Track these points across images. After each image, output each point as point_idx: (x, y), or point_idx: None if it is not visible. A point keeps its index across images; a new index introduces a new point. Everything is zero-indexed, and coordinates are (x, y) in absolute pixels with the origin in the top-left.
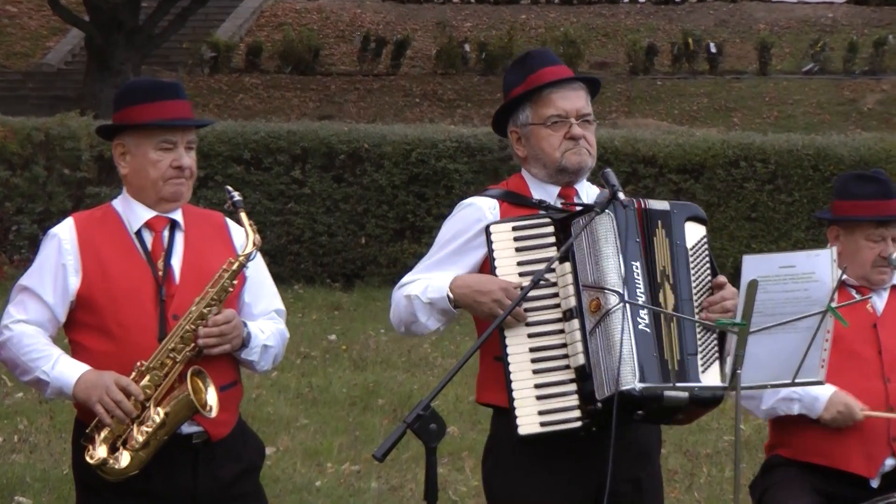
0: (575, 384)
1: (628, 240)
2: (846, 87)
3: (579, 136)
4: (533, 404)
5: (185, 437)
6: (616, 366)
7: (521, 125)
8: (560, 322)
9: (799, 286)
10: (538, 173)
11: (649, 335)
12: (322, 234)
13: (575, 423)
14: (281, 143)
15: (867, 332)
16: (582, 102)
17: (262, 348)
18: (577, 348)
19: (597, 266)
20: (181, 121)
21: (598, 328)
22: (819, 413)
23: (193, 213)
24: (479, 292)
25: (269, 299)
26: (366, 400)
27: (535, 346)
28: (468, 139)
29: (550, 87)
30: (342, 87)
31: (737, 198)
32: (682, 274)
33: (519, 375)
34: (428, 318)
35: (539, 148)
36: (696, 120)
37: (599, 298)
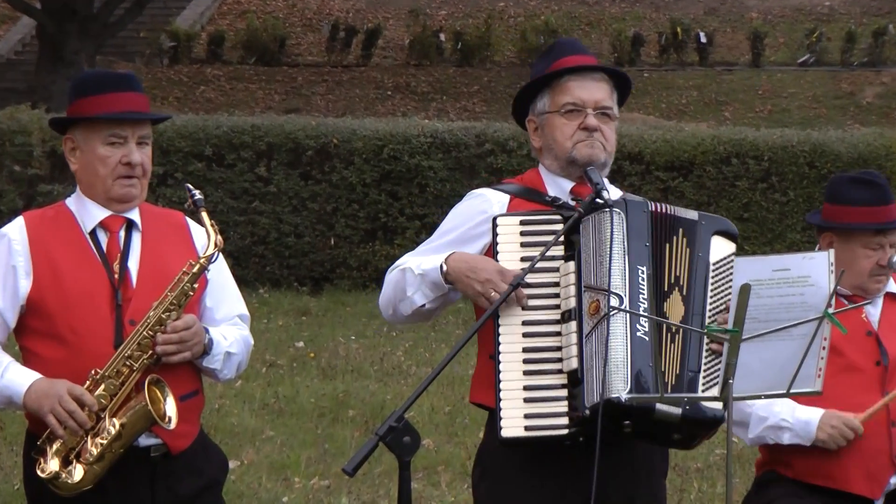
0: (566, 390)
1: (636, 242)
2: (844, 79)
3: (594, 128)
4: (520, 407)
5: (142, 449)
6: (607, 372)
7: (539, 114)
8: (559, 323)
9: (794, 290)
10: (551, 165)
11: (647, 344)
12: (288, 234)
13: (561, 431)
14: (245, 138)
15: (863, 342)
16: (602, 94)
17: (224, 356)
18: (572, 352)
19: (600, 267)
20: (132, 114)
21: (595, 332)
22: (813, 437)
23: (152, 212)
24: (472, 269)
25: (232, 304)
26: (335, 411)
27: (529, 346)
28: (443, 134)
29: (570, 74)
30: (309, 79)
31: (728, 197)
32: (697, 287)
33: (509, 375)
34: (416, 292)
35: (552, 137)
36: (685, 114)
37: (599, 301)
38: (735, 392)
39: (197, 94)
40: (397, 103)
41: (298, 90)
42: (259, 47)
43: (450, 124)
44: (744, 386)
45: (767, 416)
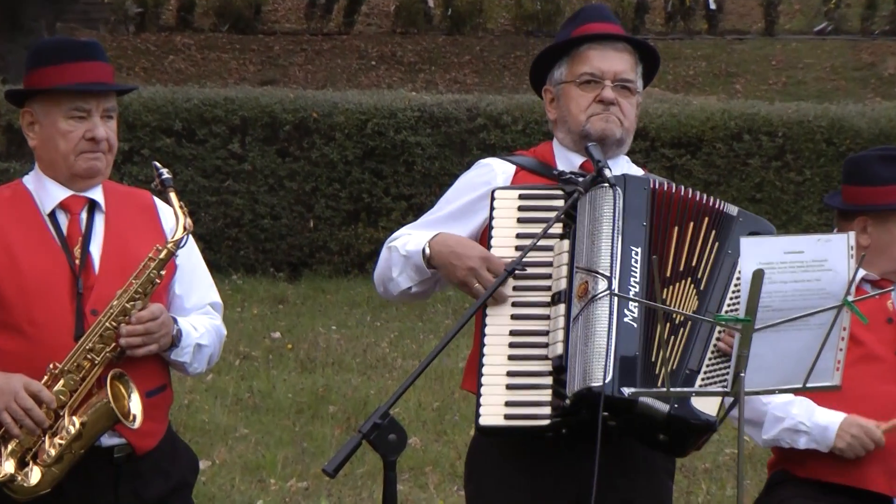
0: (551, 377)
1: (633, 221)
2: (864, 49)
3: (610, 101)
4: (501, 393)
5: (104, 450)
6: (589, 359)
7: (555, 83)
8: (548, 307)
9: (810, 276)
10: (564, 139)
11: (634, 331)
12: (264, 216)
13: (542, 421)
14: (217, 111)
15: (883, 330)
16: (623, 66)
17: (194, 348)
18: (558, 336)
19: (592, 245)
20: (96, 85)
21: (581, 315)
22: (831, 444)
23: (116, 191)
24: (455, 254)
25: (204, 291)
26: (315, 407)
27: (516, 330)
28: (432, 108)
29: (590, 42)
30: (287, 48)
31: (739, 176)
32: (718, 283)
33: (492, 360)
34: (400, 274)
35: (567, 109)
36: (693, 87)
37: (588, 282)
38: (747, 386)
39: (165, 64)
40: (382, 74)
41: (275, 60)
42: (233, 14)
43: (439, 97)
44: (757, 379)
45: (784, 416)
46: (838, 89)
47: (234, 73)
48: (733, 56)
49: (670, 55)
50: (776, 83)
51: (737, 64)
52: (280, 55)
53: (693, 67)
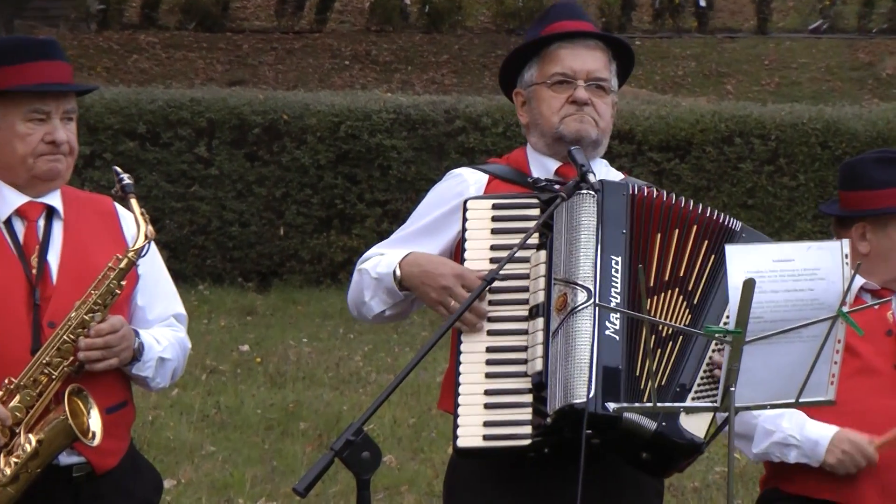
0: (531, 395)
1: (612, 229)
2: (861, 48)
3: (584, 101)
4: (479, 413)
5: (63, 469)
6: (570, 374)
7: (526, 85)
8: (526, 321)
9: (802, 285)
10: (537, 143)
11: (617, 344)
12: (232, 223)
13: (523, 441)
14: (183, 113)
15: (882, 342)
16: (596, 64)
17: (157, 361)
18: (537, 352)
19: (570, 255)
20: (56, 86)
21: (561, 329)
22: (821, 458)
23: (76, 198)
24: (427, 274)
25: (167, 302)
26: (285, 423)
27: (493, 346)
28: (408, 110)
29: (561, 40)
30: (256, 47)
31: (730, 181)
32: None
33: (469, 378)
34: (373, 297)
35: (538, 112)
36: (682, 87)
37: (567, 294)
38: (738, 401)
39: (129, 63)
40: (356, 74)
41: (244, 59)
42: (199, 11)
43: (415, 98)
44: (747, 394)
45: (774, 429)
46: (834, 90)
47: (201, 73)
48: (724, 55)
49: (658, 54)
50: (769, 84)
51: (728, 64)
52: (249, 54)
53: (682, 67)
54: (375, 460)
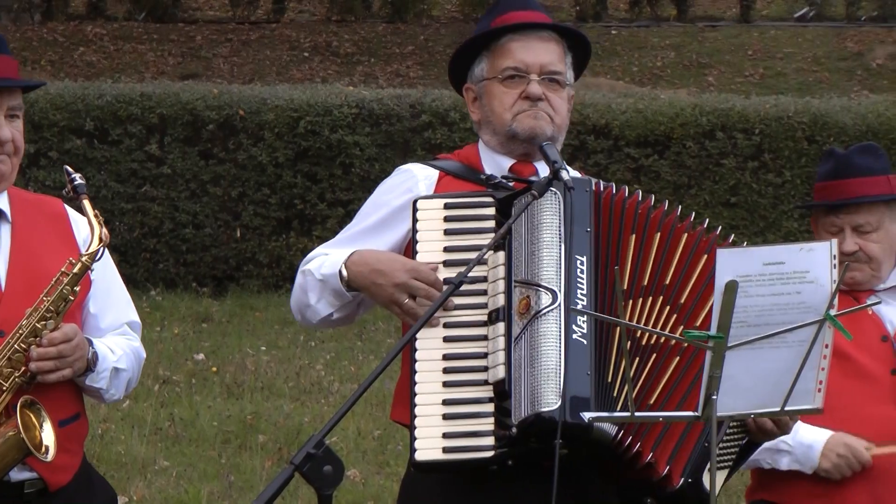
0: (493, 404)
1: (575, 227)
2: (849, 37)
3: (537, 97)
4: (437, 425)
5: (14, 485)
6: (536, 382)
7: (477, 81)
8: (486, 326)
9: (790, 289)
10: (490, 140)
11: (585, 349)
12: (186, 225)
13: (485, 453)
14: (133, 109)
15: (877, 347)
16: (550, 57)
17: (111, 372)
18: (499, 359)
19: (531, 256)
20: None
21: (525, 334)
22: (815, 464)
23: (23, 199)
24: (377, 272)
25: (120, 309)
26: (242, 436)
27: (450, 354)
28: (371, 104)
29: (511, 32)
30: (210, 39)
31: (712, 178)
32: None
33: (425, 388)
34: (318, 300)
35: (490, 109)
36: (661, 79)
37: (530, 298)
38: (720, 410)
39: (75, 56)
40: (316, 67)
41: (197, 52)
42: (150, 0)
43: (379, 92)
44: (730, 402)
45: None
46: (821, 81)
47: (152, 67)
48: (705, 45)
49: (635, 44)
50: (752, 75)
51: (709, 54)
52: (203, 46)
53: (661, 58)
54: (338, 475)
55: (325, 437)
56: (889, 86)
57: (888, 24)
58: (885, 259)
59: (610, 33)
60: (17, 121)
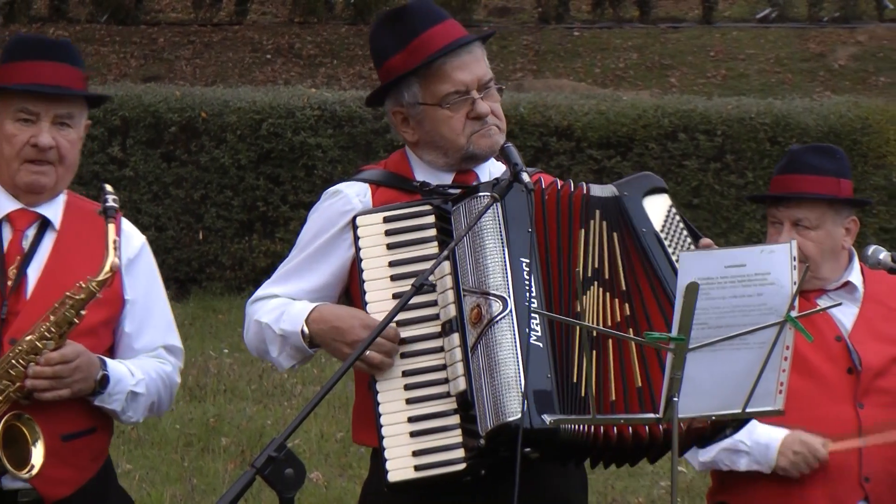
0: (458, 416)
1: (516, 230)
2: (812, 38)
3: (486, 114)
4: (406, 443)
5: (7, 494)
6: (498, 391)
7: (409, 104)
8: (440, 338)
9: (751, 290)
10: (434, 160)
11: (543, 352)
12: (148, 227)
13: (458, 466)
14: (95, 111)
15: (832, 348)
16: (482, 68)
17: (128, 395)
18: (458, 370)
19: (477, 264)
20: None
21: (480, 343)
22: (773, 463)
23: (79, 209)
24: (336, 330)
25: (157, 332)
26: (205, 439)
27: (409, 370)
28: (334, 106)
29: (442, 56)
30: (173, 41)
31: (674, 179)
32: (662, 268)
33: (389, 407)
34: (280, 353)
35: (437, 134)
36: (623, 81)
37: (480, 306)
38: (681, 411)
39: None
40: (278, 69)
41: (159, 54)
42: (112, 2)
43: (341, 94)
44: (691, 404)
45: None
46: (783, 82)
47: (114, 69)
48: (667, 47)
49: (598, 46)
50: (715, 76)
51: (671, 55)
52: (165, 48)
53: (623, 59)
54: (300, 477)
55: (286, 439)
56: (851, 87)
57: (850, 25)
58: (822, 260)
59: (572, 35)
60: (66, 129)
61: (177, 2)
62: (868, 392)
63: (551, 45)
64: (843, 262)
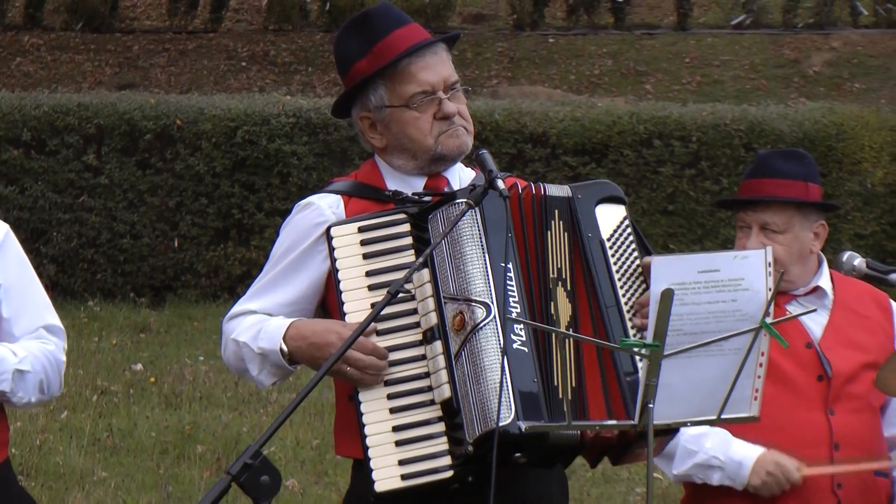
0: (443, 423)
1: (495, 235)
2: (786, 44)
3: (453, 114)
4: (392, 452)
5: None
6: (485, 397)
7: (376, 108)
8: (422, 346)
9: (725, 296)
10: (404, 165)
11: (527, 356)
12: (123, 235)
13: (445, 473)
14: (70, 119)
15: (802, 355)
16: (447, 69)
17: (13, 374)
18: (442, 378)
19: (457, 271)
20: None
21: (464, 350)
22: (745, 481)
23: None
24: (315, 346)
25: (35, 313)
26: (181, 446)
27: (391, 379)
28: (308, 113)
29: (407, 56)
30: (147, 48)
31: (649, 186)
32: (600, 276)
33: (373, 417)
34: (260, 372)
35: (405, 136)
36: (598, 87)
37: (463, 313)
38: (656, 418)
39: (12, 66)
40: (253, 76)
41: (134, 61)
42: (86, 10)
43: (316, 101)
44: (667, 411)
45: (697, 450)
46: (758, 89)
47: (89, 77)
48: (642, 53)
49: (573, 52)
50: (690, 83)
51: (646, 62)
52: (140, 56)
53: (598, 66)
54: (275, 485)
55: (262, 447)
56: (826, 93)
57: (825, 31)
58: (791, 263)
59: (547, 41)
60: None
61: (151, 9)
62: (839, 398)
63: (526, 51)
64: (811, 266)
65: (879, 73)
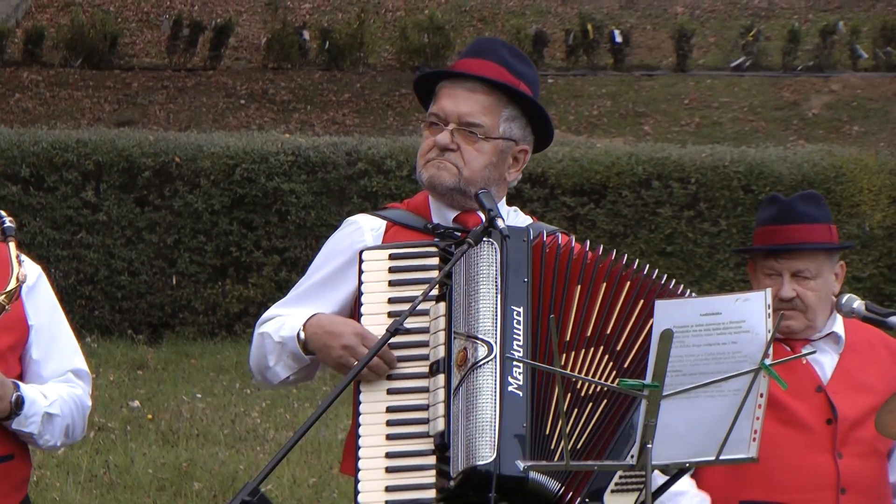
0: (434, 456)
1: (512, 278)
2: (786, 86)
3: (443, 146)
4: (381, 477)
5: None
6: (472, 435)
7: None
8: (428, 378)
9: (725, 338)
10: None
11: (520, 401)
12: (121, 272)
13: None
14: (68, 156)
15: (812, 398)
16: (471, 108)
17: (43, 417)
18: (439, 411)
19: (469, 308)
20: None
21: (462, 386)
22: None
23: None
24: (329, 334)
25: (64, 357)
26: (178, 483)
27: (393, 406)
28: (307, 151)
29: (446, 79)
30: (146, 85)
31: (648, 227)
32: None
33: (369, 441)
34: (277, 362)
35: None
36: (597, 128)
37: (467, 349)
38: (655, 458)
39: (11, 102)
40: (252, 114)
41: (133, 98)
42: (86, 47)
43: (315, 139)
44: (665, 451)
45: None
46: (757, 131)
47: (88, 113)
48: (641, 94)
49: (572, 93)
50: (689, 124)
51: (645, 103)
52: (139, 93)
53: (597, 107)
54: None
55: (259, 484)
56: (825, 135)
57: (824, 74)
58: (820, 309)
59: (546, 82)
60: None
61: (151, 46)
62: (846, 442)
63: None
64: (829, 310)
65: (878, 117)
